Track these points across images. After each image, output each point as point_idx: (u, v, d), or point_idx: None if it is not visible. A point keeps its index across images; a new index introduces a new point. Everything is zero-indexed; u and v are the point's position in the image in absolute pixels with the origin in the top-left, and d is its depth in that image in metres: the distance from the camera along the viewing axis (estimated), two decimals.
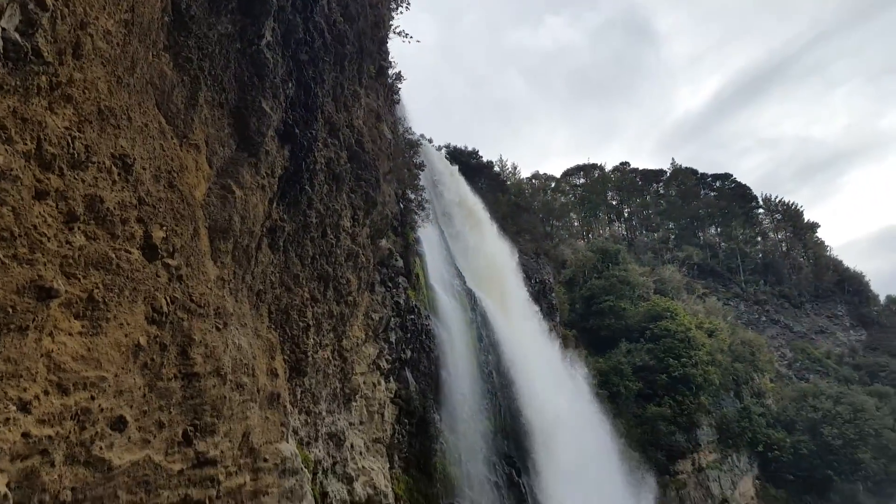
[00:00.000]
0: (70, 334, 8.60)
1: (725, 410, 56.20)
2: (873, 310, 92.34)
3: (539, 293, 43.46)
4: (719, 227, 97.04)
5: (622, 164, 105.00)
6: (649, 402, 51.22)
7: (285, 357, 17.24)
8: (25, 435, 8.21)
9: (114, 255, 9.02)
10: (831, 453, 56.75)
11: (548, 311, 44.18)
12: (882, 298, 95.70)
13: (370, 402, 22.45)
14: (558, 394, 33.12)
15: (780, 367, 74.32)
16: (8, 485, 8.09)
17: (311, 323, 18.13)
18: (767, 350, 69.27)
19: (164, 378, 10.70)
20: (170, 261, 10.38)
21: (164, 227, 10.15)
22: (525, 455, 29.59)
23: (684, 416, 51.32)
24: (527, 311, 38.85)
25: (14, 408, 8.03)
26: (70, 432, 8.92)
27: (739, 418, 56.51)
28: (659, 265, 75.75)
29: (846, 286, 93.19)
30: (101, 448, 9.51)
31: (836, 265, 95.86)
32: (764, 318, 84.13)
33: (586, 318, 57.36)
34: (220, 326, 12.16)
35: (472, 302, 32.72)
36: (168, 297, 10.48)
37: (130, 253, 9.39)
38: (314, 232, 17.52)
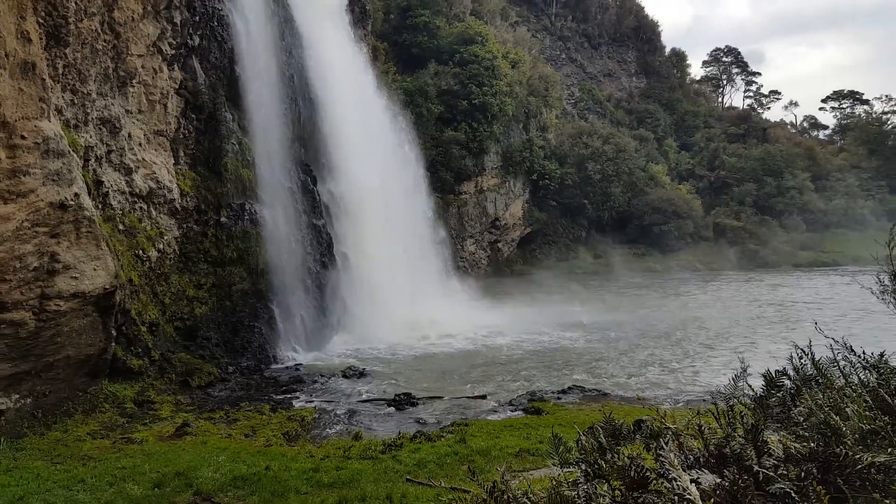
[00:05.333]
0: None
1: (512, 140, 60.79)
2: (657, 59, 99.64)
3: None
4: None
5: None
6: (447, 127, 53.28)
7: (39, 20, 14.06)
8: None
9: None
10: (590, 185, 65.76)
11: (360, 17, 40.94)
12: (668, 50, 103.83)
13: (150, 90, 19.96)
14: (358, 107, 32.46)
15: (567, 104, 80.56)
16: None
17: None
18: (560, 88, 73.77)
19: None
20: None
21: None
22: (322, 166, 29.62)
23: (476, 143, 54.74)
24: (337, 10, 35.55)
25: None
26: None
27: (523, 149, 61.75)
28: None
29: (641, 33, 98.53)
30: None
31: (638, 11, 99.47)
32: (564, 56, 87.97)
33: (400, 31, 55.01)
34: None
35: None
36: None
37: None
38: None
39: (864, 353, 8.56)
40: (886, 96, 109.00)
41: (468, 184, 55.88)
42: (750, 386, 9.72)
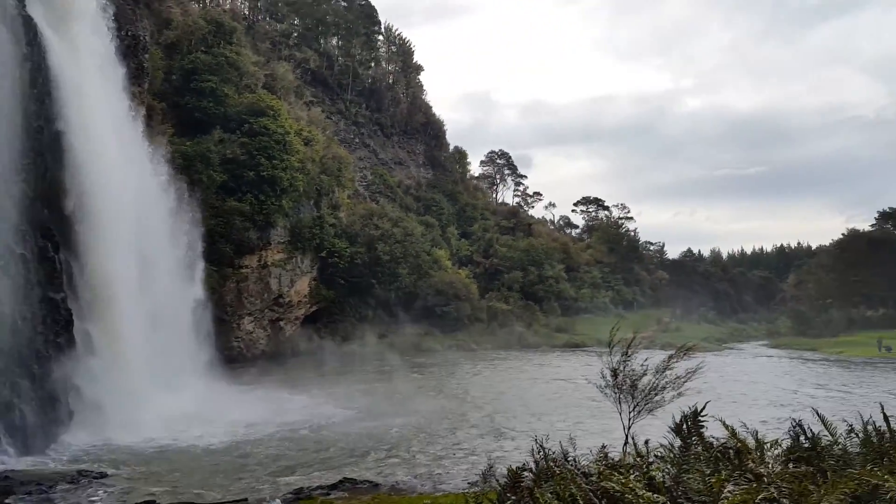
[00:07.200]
0: None
1: (303, 216, 59.86)
2: (443, 154, 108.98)
3: (128, 50, 36.50)
4: (341, 41, 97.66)
5: None
6: (231, 196, 50.70)
7: None
8: None
9: None
10: (379, 266, 66.86)
11: (135, 73, 37.71)
12: (452, 147, 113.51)
13: None
14: (122, 167, 29.24)
15: (360, 186, 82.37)
16: None
17: None
18: (353, 169, 75.38)
19: None
20: None
21: None
22: (70, 230, 25.80)
23: (262, 216, 52.77)
24: (108, 64, 32.35)
25: None
26: None
27: (313, 225, 61.08)
28: (275, 60, 72.77)
29: (429, 129, 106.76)
30: None
31: (427, 109, 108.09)
32: (358, 140, 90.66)
33: (182, 93, 51.99)
34: None
35: (30, 34, 25.45)
36: None
37: None
38: None
39: (568, 453, 9.23)
40: (622, 204, 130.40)
41: (251, 258, 53.06)
42: (497, 481, 9.97)
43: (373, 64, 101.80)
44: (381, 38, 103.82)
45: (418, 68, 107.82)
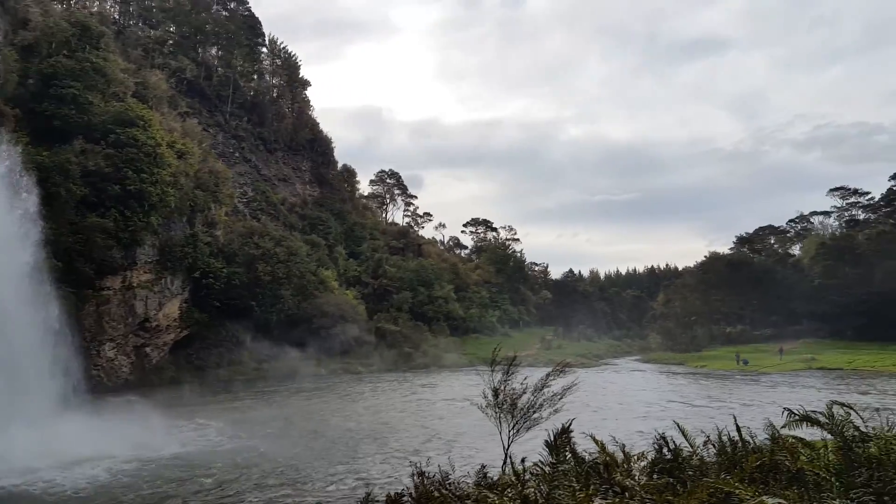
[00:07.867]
0: None
1: (174, 234, 56.14)
2: (331, 172, 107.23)
3: None
4: (221, 52, 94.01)
5: None
6: (92, 212, 46.52)
7: None
8: None
9: None
10: (259, 287, 63.80)
11: None
12: (340, 165, 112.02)
13: None
14: None
15: (239, 203, 78.97)
16: None
17: None
18: (232, 185, 72.06)
19: None
20: None
21: None
22: None
23: (128, 233, 48.83)
24: None
25: None
26: None
27: (185, 244, 57.37)
28: (147, 68, 68.46)
29: (316, 146, 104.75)
30: None
31: (314, 125, 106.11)
32: (238, 155, 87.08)
33: (40, 98, 47.33)
34: None
35: None
36: None
37: None
38: None
39: (448, 475, 9.19)
40: (509, 226, 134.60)
41: (113, 279, 48.80)
42: None
43: (255, 76, 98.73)
44: (265, 50, 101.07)
45: (305, 83, 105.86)
